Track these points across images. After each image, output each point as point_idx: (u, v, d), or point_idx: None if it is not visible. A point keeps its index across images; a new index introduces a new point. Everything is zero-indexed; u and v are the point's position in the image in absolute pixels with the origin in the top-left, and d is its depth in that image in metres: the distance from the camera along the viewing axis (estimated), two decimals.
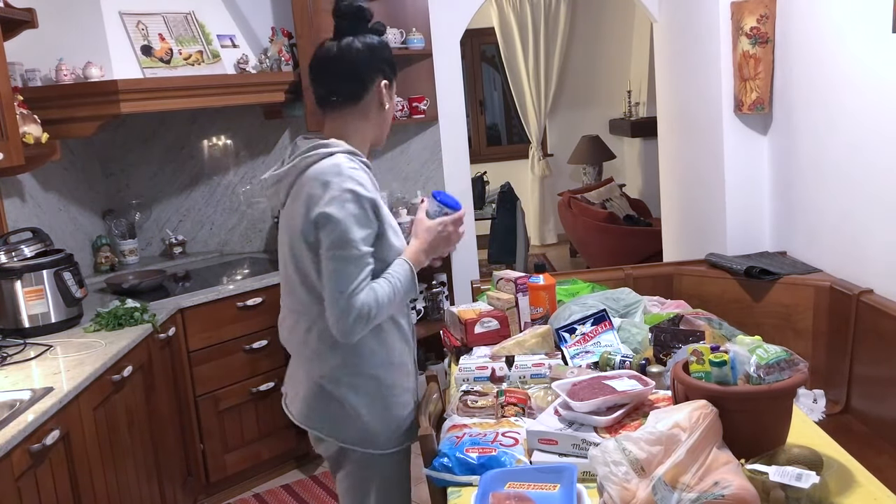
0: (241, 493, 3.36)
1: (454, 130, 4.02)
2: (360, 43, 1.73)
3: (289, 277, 1.79)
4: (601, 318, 2.13)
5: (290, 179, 1.73)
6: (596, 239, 5.74)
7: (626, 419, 1.60)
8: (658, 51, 4.20)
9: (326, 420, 1.81)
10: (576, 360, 2.03)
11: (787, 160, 3.17)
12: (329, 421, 1.81)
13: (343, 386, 1.77)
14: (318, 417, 1.82)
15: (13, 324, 2.66)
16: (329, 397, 1.79)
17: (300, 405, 1.85)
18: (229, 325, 3.22)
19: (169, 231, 3.93)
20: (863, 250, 2.70)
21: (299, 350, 1.84)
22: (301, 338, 1.80)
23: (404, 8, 3.82)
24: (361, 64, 1.74)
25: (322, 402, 1.80)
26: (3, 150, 2.47)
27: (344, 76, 1.74)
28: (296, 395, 1.87)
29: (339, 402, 1.78)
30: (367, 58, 1.74)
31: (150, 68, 3.17)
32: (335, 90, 1.75)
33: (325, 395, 1.79)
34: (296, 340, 1.83)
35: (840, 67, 2.72)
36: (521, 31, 7.11)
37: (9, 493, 1.82)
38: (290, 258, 1.76)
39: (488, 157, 7.63)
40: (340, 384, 1.77)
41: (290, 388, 1.92)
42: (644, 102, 6.81)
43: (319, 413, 1.82)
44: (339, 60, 1.73)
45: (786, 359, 1.47)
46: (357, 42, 1.73)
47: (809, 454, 1.42)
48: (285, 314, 1.88)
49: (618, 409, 1.60)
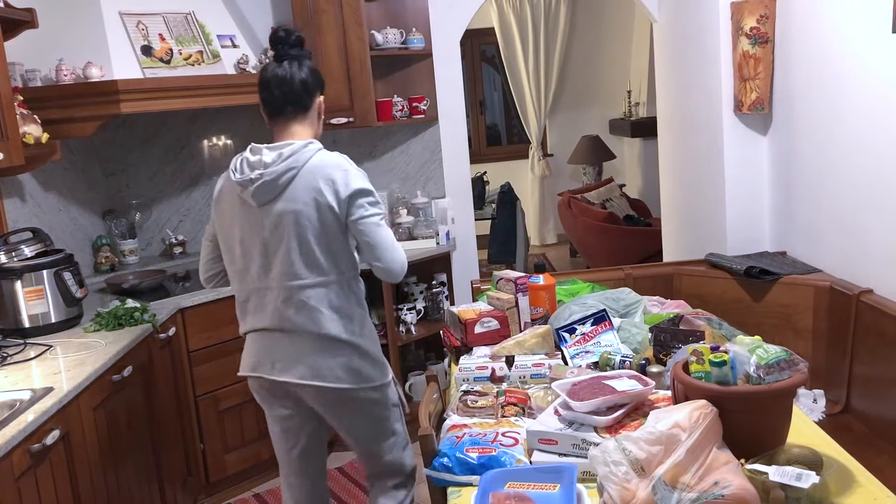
0: (241, 493, 3.36)
1: (454, 130, 4.02)
2: (306, 66, 2.11)
3: (308, 254, 2.02)
4: (601, 318, 2.13)
5: (291, 175, 2.00)
6: (596, 239, 5.74)
7: (626, 419, 1.60)
8: (658, 51, 4.20)
9: (347, 376, 2.07)
10: (576, 360, 2.03)
11: (786, 160, 3.17)
12: (350, 376, 2.07)
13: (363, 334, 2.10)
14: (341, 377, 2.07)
15: (13, 324, 2.66)
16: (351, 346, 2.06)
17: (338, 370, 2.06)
18: (229, 325, 3.18)
19: (169, 231, 3.93)
20: (863, 250, 2.70)
21: (315, 318, 2.03)
22: (324, 302, 2.04)
23: (404, 8, 3.82)
24: (308, 83, 2.10)
25: (334, 364, 2.04)
26: (3, 150, 2.47)
27: (295, 93, 2.09)
28: (298, 360, 2.06)
29: (347, 359, 2.06)
30: (312, 78, 2.12)
31: (150, 68, 3.17)
32: (289, 103, 2.09)
33: (340, 358, 2.05)
34: (312, 310, 2.04)
35: (840, 67, 2.73)
36: (521, 31, 7.11)
37: (9, 493, 1.82)
38: (305, 237, 2.00)
39: (488, 157, 7.64)
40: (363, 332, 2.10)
41: (281, 359, 2.09)
42: (644, 102, 6.81)
43: (339, 373, 2.06)
44: (291, 80, 2.08)
45: (786, 359, 1.47)
46: (304, 65, 2.11)
47: (809, 454, 1.42)
48: (292, 294, 2.04)
49: (618, 409, 1.60)
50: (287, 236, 2.00)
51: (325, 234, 2.01)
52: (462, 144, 4.06)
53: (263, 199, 2.01)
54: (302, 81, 2.08)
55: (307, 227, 1.99)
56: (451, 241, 3.88)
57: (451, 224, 3.89)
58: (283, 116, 2.11)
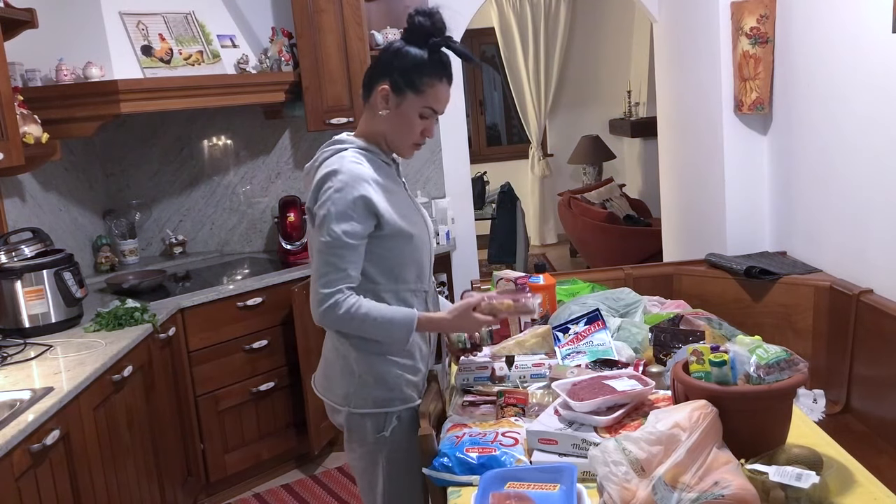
0: (241, 493, 3.36)
1: (454, 130, 4.02)
2: (389, 46, 1.83)
3: None
4: (594, 318, 2.13)
5: (313, 171, 1.82)
6: (596, 239, 5.74)
7: (626, 419, 1.60)
8: (658, 51, 4.20)
9: (334, 382, 1.89)
10: (566, 361, 2.01)
11: (786, 160, 3.17)
12: (335, 382, 1.88)
13: (349, 344, 1.84)
14: (331, 384, 1.90)
15: (13, 324, 2.66)
16: (338, 357, 1.86)
17: (319, 375, 1.95)
18: (229, 325, 3.22)
19: (169, 231, 3.93)
20: (863, 250, 2.70)
21: None
22: None
23: (404, 8, 3.82)
24: (374, 65, 1.84)
25: (335, 367, 1.87)
26: (3, 150, 2.47)
27: (366, 74, 1.86)
28: (318, 368, 1.95)
29: (344, 360, 1.85)
30: (379, 60, 1.83)
31: (150, 68, 3.17)
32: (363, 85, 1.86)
33: (336, 359, 1.87)
34: None
35: (840, 67, 2.72)
36: (521, 31, 7.11)
37: (9, 493, 1.82)
38: None
39: (488, 157, 7.63)
40: (347, 342, 1.84)
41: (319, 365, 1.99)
42: (644, 102, 6.81)
43: (332, 379, 1.89)
44: None
45: (786, 359, 1.47)
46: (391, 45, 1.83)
47: (809, 454, 1.42)
48: None
49: (618, 409, 1.60)
50: None
51: None
52: (462, 144, 4.06)
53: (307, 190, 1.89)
54: (372, 64, 1.84)
55: None
56: (451, 242, 3.89)
57: (451, 224, 3.90)
58: None
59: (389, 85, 1.80)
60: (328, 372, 1.93)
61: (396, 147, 1.89)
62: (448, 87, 1.85)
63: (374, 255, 1.78)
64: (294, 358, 3.35)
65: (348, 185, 1.71)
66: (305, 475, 3.48)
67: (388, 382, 1.84)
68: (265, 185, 3.98)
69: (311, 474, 3.48)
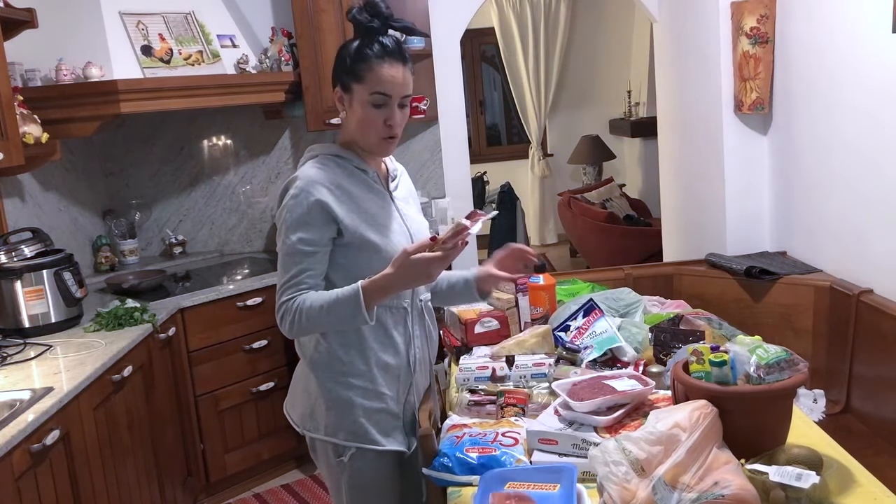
0: (241, 493, 3.36)
1: (454, 130, 4.02)
2: None
3: None
4: (590, 308, 2.13)
5: None
6: (596, 239, 5.74)
7: (626, 419, 1.60)
8: (658, 51, 4.20)
9: (296, 400, 1.87)
10: (585, 353, 2.00)
11: (786, 160, 3.17)
12: (296, 400, 1.86)
13: (306, 364, 1.82)
14: (294, 401, 1.88)
15: (13, 324, 2.66)
16: (301, 376, 1.85)
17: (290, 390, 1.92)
18: (229, 325, 3.22)
19: (169, 231, 3.93)
20: (863, 250, 2.70)
21: None
22: None
23: (404, 8, 3.81)
24: (333, 70, 1.75)
25: (297, 385, 1.87)
26: (3, 150, 2.47)
27: None
28: None
29: (304, 380, 1.83)
30: (335, 65, 1.74)
31: (150, 68, 3.17)
32: None
33: (300, 376, 1.86)
34: None
35: (840, 67, 2.72)
36: (521, 31, 7.10)
37: (9, 493, 1.82)
38: None
39: (488, 157, 7.63)
40: (305, 361, 1.83)
41: None
42: (644, 102, 6.81)
43: (294, 396, 1.88)
44: None
45: (786, 359, 1.47)
46: None
47: (809, 454, 1.42)
48: None
49: (618, 409, 1.60)
50: None
51: None
52: (462, 144, 4.06)
53: None
54: None
55: None
56: None
57: (451, 224, 3.89)
58: None
59: (340, 86, 1.72)
60: (293, 388, 1.89)
61: (367, 145, 1.75)
62: (394, 66, 1.68)
63: (338, 265, 1.72)
64: (294, 358, 3.33)
65: (304, 191, 1.66)
66: (305, 475, 3.48)
67: (340, 409, 1.74)
68: (265, 185, 3.98)
69: (311, 474, 3.47)
